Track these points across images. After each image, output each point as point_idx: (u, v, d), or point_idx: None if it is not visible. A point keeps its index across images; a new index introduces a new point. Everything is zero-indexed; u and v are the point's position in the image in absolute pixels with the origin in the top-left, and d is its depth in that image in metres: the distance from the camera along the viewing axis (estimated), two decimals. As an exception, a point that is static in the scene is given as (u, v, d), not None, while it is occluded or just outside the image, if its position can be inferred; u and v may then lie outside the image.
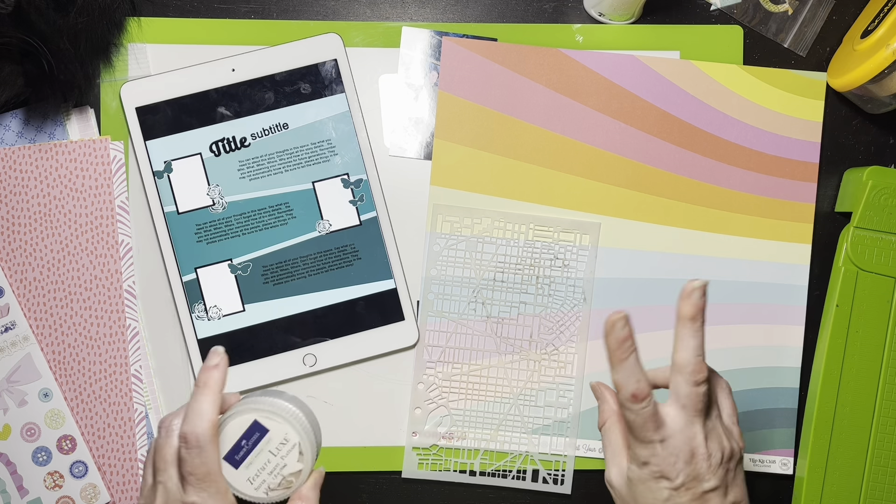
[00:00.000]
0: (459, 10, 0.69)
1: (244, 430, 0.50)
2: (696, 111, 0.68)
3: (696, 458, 0.50)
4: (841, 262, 0.68)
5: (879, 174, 0.67)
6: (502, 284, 0.67)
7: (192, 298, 0.66)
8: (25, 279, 0.65)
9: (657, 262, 0.68)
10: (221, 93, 0.66)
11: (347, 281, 0.66)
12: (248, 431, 0.50)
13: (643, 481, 0.51)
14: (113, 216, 0.66)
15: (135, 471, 0.65)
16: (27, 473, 0.64)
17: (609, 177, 0.68)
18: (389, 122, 0.68)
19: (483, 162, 0.68)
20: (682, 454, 0.50)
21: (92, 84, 0.65)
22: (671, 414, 0.51)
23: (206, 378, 0.50)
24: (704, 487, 0.50)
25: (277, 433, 0.50)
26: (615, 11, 0.67)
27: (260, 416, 0.50)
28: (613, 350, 0.50)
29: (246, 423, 0.50)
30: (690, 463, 0.50)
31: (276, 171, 0.66)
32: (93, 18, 0.61)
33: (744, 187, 0.69)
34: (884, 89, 0.65)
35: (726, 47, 0.69)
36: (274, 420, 0.50)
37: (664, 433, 0.50)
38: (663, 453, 0.50)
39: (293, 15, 0.68)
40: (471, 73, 0.68)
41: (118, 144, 0.66)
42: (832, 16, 0.70)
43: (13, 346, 0.64)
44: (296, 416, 0.51)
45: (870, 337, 0.67)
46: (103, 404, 0.65)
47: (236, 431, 0.50)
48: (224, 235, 0.66)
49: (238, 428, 0.50)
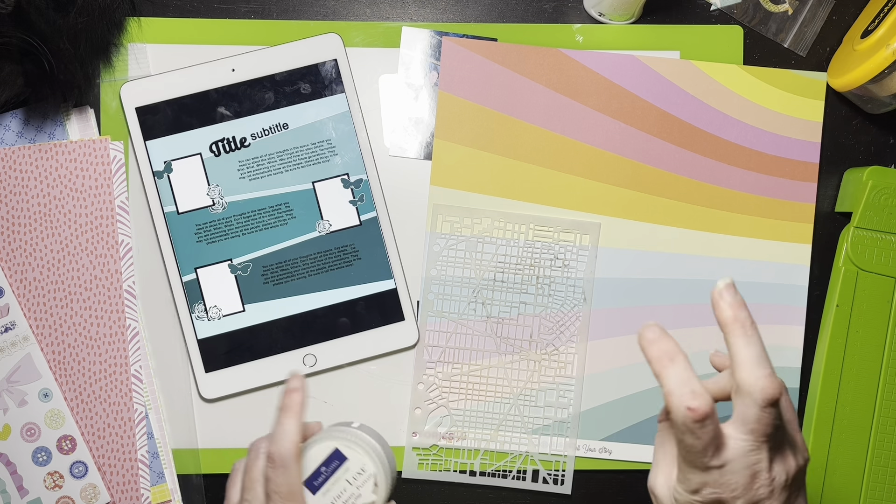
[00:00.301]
0: (459, 10, 0.69)
1: (325, 457, 0.51)
2: (697, 111, 0.68)
3: (756, 481, 0.43)
4: (841, 262, 0.68)
5: (879, 174, 0.67)
6: (502, 284, 0.67)
7: (192, 298, 0.66)
8: (25, 279, 0.65)
9: (657, 262, 0.68)
10: (221, 93, 0.66)
11: (347, 281, 0.66)
12: (329, 459, 0.51)
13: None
14: (113, 216, 0.66)
15: (135, 471, 0.65)
16: (27, 473, 0.64)
17: (609, 177, 0.68)
18: (389, 122, 0.68)
19: (483, 162, 0.68)
20: (741, 480, 0.43)
21: (92, 84, 0.65)
22: (734, 437, 0.43)
23: (288, 401, 0.51)
24: None
25: (355, 463, 0.51)
26: (615, 11, 0.67)
27: (341, 444, 0.51)
28: (657, 357, 0.43)
29: (327, 451, 0.51)
30: (750, 489, 0.43)
31: (276, 171, 0.66)
32: (93, 18, 0.61)
33: (744, 187, 0.69)
34: (884, 89, 0.65)
35: (726, 47, 0.69)
36: (353, 450, 0.51)
37: (724, 458, 0.42)
38: (721, 480, 0.43)
39: (293, 15, 0.68)
40: (471, 73, 0.68)
41: (118, 144, 0.66)
42: (832, 16, 0.70)
43: (13, 346, 0.64)
44: (374, 447, 0.52)
45: (870, 337, 0.67)
46: (103, 404, 0.65)
47: (317, 458, 0.51)
48: (224, 235, 0.66)
49: (319, 454, 0.51)
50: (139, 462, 0.65)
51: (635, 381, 0.68)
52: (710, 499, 0.43)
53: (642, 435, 0.68)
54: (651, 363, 0.43)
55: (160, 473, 0.65)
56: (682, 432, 0.42)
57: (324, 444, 0.51)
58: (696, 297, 0.68)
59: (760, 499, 0.43)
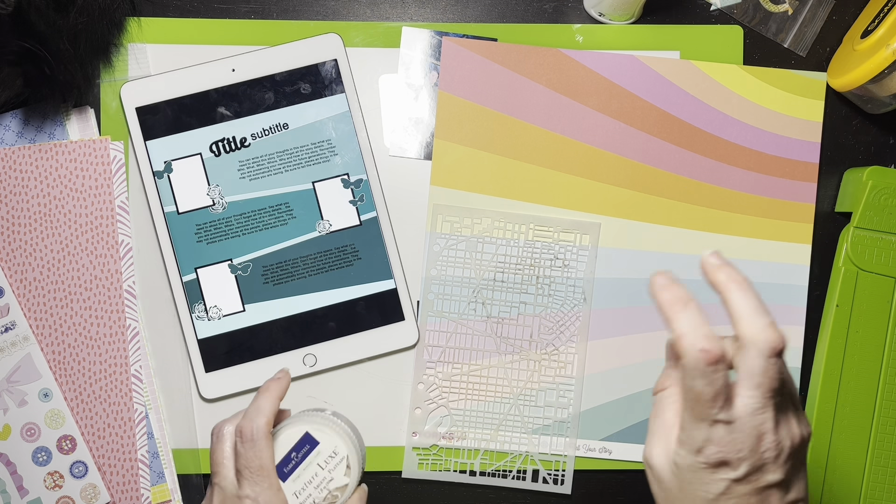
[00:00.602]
0: (459, 10, 0.69)
1: (295, 441, 0.51)
2: (696, 111, 0.68)
3: (762, 443, 0.41)
4: (841, 262, 0.68)
5: (879, 174, 0.67)
6: (502, 284, 0.67)
7: (192, 298, 0.66)
8: (25, 279, 0.65)
9: (657, 262, 0.68)
10: (221, 93, 0.66)
11: (347, 281, 0.66)
12: (299, 444, 0.51)
13: (694, 470, 0.42)
14: (113, 216, 0.66)
15: (135, 471, 0.65)
16: (27, 473, 0.64)
17: (609, 177, 0.68)
18: (389, 122, 0.68)
19: (483, 162, 0.68)
20: (748, 440, 0.41)
21: (91, 84, 0.65)
22: (741, 394, 0.41)
23: (268, 385, 0.51)
24: (768, 480, 0.42)
25: (327, 446, 0.51)
26: (615, 11, 0.67)
27: (311, 427, 0.51)
28: (669, 302, 0.42)
29: (297, 435, 0.51)
30: (756, 451, 0.41)
31: (276, 171, 0.66)
32: (93, 18, 0.61)
33: (744, 187, 0.69)
34: (884, 89, 0.65)
35: (726, 47, 0.69)
36: (324, 433, 0.51)
37: (732, 414, 0.41)
38: (727, 438, 0.41)
39: (293, 15, 0.68)
40: (471, 73, 0.68)
41: (118, 144, 0.66)
42: (832, 16, 0.70)
43: (13, 346, 0.64)
44: (345, 430, 0.52)
45: (870, 337, 0.67)
46: (103, 404, 0.65)
47: (288, 443, 0.51)
48: (224, 235, 0.66)
49: (290, 439, 0.51)
50: (139, 462, 0.65)
51: (635, 381, 0.68)
52: (715, 459, 0.42)
53: (642, 435, 0.68)
54: (662, 308, 0.42)
55: (160, 473, 0.65)
56: (693, 377, 0.41)
57: (294, 427, 0.51)
58: (697, 298, 0.68)
59: (765, 462, 0.42)
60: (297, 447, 0.50)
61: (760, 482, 0.42)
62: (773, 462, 0.42)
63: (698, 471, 0.42)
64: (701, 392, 0.41)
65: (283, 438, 0.50)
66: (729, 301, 0.42)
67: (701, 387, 0.41)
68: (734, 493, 0.42)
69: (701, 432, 0.42)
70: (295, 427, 0.51)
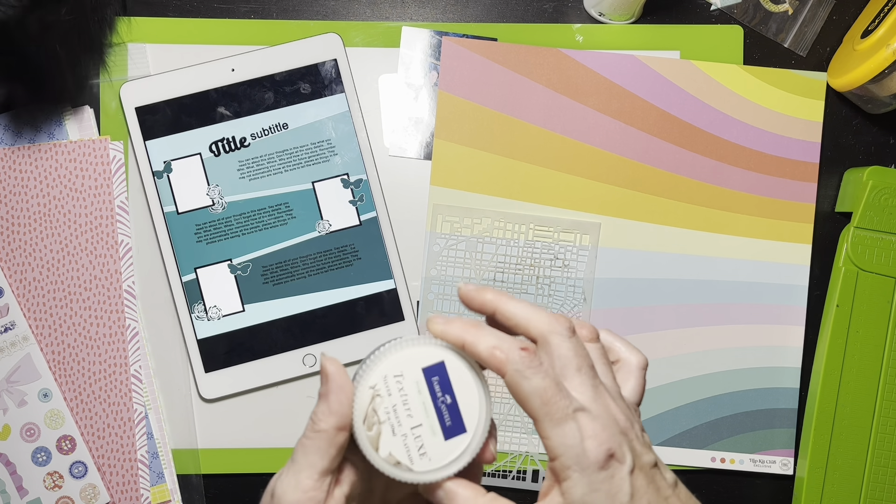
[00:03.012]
0: (459, 9, 0.69)
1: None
2: (697, 111, 0.68)
3: (620, 423, 0.39)
4: (841, 262, 0.67)
5: (880, 174, 0.67)
6: (502, 285, 0.67)
7: (191, 299, 0.66)
8: (25, 279, 0.65)
9: (657, 262, 0.68)
10: (221, 93, 0.66)
11: (347, 281, 0.66)
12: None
13: (592, 485, 0.38)
14: (112, 216, 0.65)
15: (134, 471, 0.65)
16: (27, 474, 0.64)
17: (609, 177, 0.68)
18: (389, 122, 0.68)
19: (483, 162, 0.68)
20: (608, 421, 0.38)
21: (84, 86, 0.65)
22: (572, 383, 0.39)
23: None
24: (647, 462, 0.39)
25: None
26: (615, 11, 0.67)
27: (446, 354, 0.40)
28: (460, 331, 0.40)
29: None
30: (621, 432, 0.39)
31: (276, 171, 0.66)
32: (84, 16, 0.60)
33: (744, 187, 0.68)
34: (884, 89, 0.65)
35: (726, 47, 0.69)
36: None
37: (577, 402, 0.38)
38: (595, 426, 0.38)
39: (293, 15, 0.68)
40: (471, 72, 0.68)
41: (118, 144, 0.66)
42: (832, 16, 0.70)
43: (13, 347, 0.64)
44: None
45: (870, 337, 0.67)
46: (103, 405, 0.65)
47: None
48: (224, 235, 0.66)
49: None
50: (139, 462, 0.65)
51: (635, 382, 0.68)
52: (603, 453, 0.38)
53: (642, 435, 0.68)
54: (457, 340, 0.40)
55: (160, 473, 0.65)
56: (526, 377, 0.38)
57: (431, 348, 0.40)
58: (697, 298, 0.68)
59: (634, 446, 0.39)
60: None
61: (644, 466, 0.39)
62: (638, 443, 0.39)
63: (597, 483, 0.38)
64: (543, 386, 0.38)
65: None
66: (507, 311, 0.41)
67: (540, 381, 0.38)
68: (639, 491, 0.38)
69: (570, 430, 0.38)
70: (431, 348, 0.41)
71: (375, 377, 0.41)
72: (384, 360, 0.41)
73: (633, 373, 0.44)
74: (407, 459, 0.40)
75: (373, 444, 0.40)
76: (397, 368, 0.40)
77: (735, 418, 0.68)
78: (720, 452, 0.68)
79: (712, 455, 0.68)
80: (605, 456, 0.38)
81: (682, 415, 0.68)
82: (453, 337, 0.40)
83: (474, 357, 0.40)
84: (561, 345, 0.39)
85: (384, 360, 0.41)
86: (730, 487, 0.69)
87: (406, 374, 0.40)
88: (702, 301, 0.68)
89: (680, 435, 0.68)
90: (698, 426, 0.68)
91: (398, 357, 0.40)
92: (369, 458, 0.40)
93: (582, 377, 0.39)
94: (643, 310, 0.68)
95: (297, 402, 0.66)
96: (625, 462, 0.38)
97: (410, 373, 0.40)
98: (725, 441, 0.68)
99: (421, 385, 0.40)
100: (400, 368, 0.40)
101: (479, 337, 0.39)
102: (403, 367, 0.40)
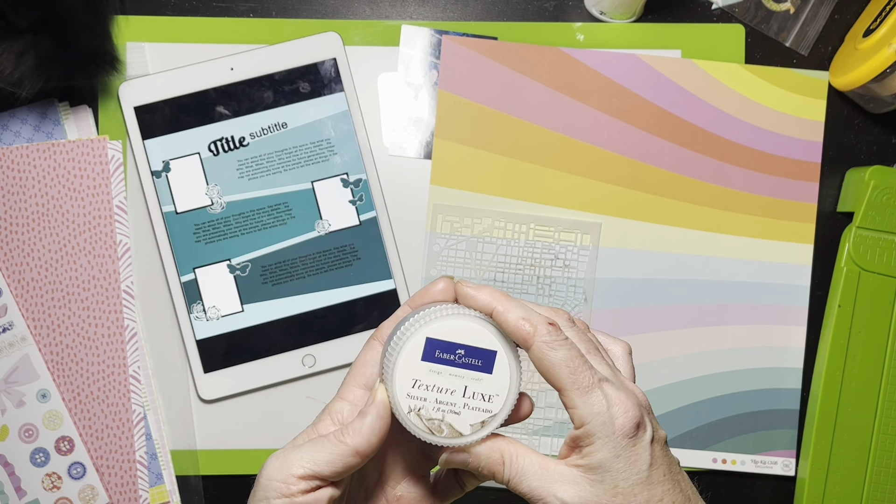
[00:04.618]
0: (460, 8, 0.69)
1: None
2: (698, 110, 0.68)
3: (638, 397, 0.41)
4: (843, 262, 0.67)
5: (881, 174, 0.67)
6: (503, 285, 0.67)
7: (190, 299, 0.65)
8: (23, 279, 0.65)
9: (658, 262, 0.68)
10: (220, 92, 0.66)
11: (347, 281, 0.66)
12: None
13: (616, 451, 0.39)
14: (111, 216, 0.65)
15: (133, 472, 0.65)
16: (25, 474, 0.64)
17: (610, 176, 0.68)
18: (389, 121, 0.68)
19: (483, 161, 0.67)
20: (629, 394, 0.40)
21: (116, 56, 0.63)
22: (591, 362, 0.41)
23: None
24: (662, 435, 0.41)
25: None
26: (616, 10, 0.67)
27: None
28: (493, 298, 0.40)
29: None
30: (642, 404, 0.41)
31: (275, 170, 0.66)
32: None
33: (745, 187, 0.68)
34: (886, 88, 0.65)
35: (728, 46, 0.69)
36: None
37: (601, 373, 0.40)
38: (620, 394, 0.39)
39: (292, 13, 0.68)
40: (471, 71, 0.67)
41: (116, 144, 0.66)
42: (834, 15, 0.70)
43: (11, 347, 0.64)
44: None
45: (872, 337, 0.67)
46: (101, 405, 0.65)
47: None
48: (223, 235, 0.66)
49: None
50: (137, 463, 0.65)
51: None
52: (631, 420, 0.39)
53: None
54: (486, 307, 0.41)
55: (158, 474, 0.65)
56: (553, 349, 0.39)
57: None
58: (698, 298, 0.68)
59: (650, 412, 0.42)
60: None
61: (660, 439, 0.41)
62: (653, 415, 0.41)
63: (619, 451, 0.39)
64: (570, 355, 0.39)
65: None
66: (508, 306, 0.41)
67: (566, 351, 0.39)
68: (657, 460, 0.40)
69: (597, 398, 0.39)
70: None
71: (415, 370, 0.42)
72: (418, 334, 0.42)
73: (621, 358, 0.45)
74: (460, 429, 0.42)
75: (419, 422, 0.42)
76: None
77: (736, 419, 0.68)
78: (722, 453, 0.68)
79: (714, 456, 0.68)
80: (633, 424, 0.39)
81: (684, 415, 0.68)
82: (482, 303, 0.41)
83: (501, 325, 0.41)
84: (567, 331, 0.41)
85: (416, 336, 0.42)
86: (731, 488, 0.69)
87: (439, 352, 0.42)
88: (703, 301, 0.68)
89: (681, 436, 0.68)
90: (700, 427, 0.68)
91: (434, 328, 0.41)
92: (412, 431, 0.41)
93: (595, 358, 0.41)
94: (644, 310, 0.68)
95: (296, 403, 0.66)
96: (647, 432, 0.40)
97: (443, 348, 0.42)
98: (727, 442, 0.68)
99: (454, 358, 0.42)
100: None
101: (509, 307, 0.40)
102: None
